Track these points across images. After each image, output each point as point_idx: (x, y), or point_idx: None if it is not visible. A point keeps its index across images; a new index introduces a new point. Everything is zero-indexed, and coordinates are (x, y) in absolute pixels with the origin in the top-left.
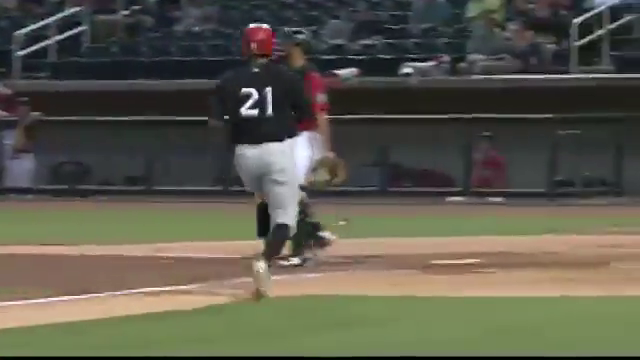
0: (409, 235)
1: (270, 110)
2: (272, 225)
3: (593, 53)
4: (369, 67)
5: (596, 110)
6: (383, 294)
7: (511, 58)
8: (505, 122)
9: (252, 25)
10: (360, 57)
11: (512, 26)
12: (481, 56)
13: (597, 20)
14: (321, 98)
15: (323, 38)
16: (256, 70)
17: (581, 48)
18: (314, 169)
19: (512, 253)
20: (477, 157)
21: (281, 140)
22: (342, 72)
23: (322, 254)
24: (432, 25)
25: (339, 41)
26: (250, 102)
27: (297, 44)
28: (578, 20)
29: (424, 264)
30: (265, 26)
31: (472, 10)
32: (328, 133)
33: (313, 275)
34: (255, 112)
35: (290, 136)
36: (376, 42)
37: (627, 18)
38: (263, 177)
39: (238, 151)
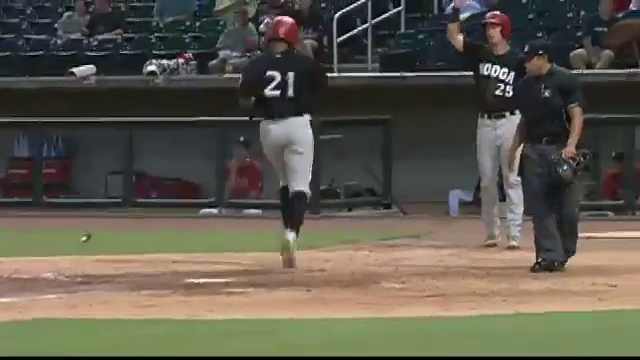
0: (158, 251)
1: (291, 91)
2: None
3: (355, 50)
4: (109, 65)
5: (361, 112)
6: (133, 317)
7: None
8: None
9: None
10: (98, 53)
11: (267, 20)
12: (234, 53)
13: (359, 14)
14: None
15: (57, 33)
16: (278, 56)
17: (342, 44)
18: None
19: (272, 271)
20: (232, 164)
21: (301, 116)
22: (79, 70)
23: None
24: (178, 18)
25: (74, 36)
26: (273, 84)
27: None
28: (339, 14)
29: (177, 283)
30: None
31: (222, 2)
32: None
33: (49, 297)
34: (277, 92)
35: (308, 113)
36: (116, 37)
37: (392, 12)
38: (284, 148)
39: (263, 126)
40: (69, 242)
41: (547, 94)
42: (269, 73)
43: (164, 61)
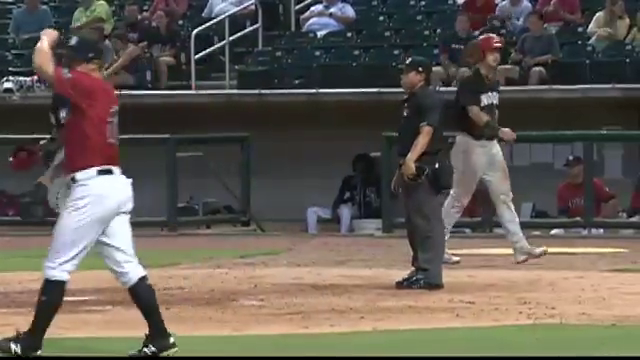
0: (12, 270)
1: None
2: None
3: (213, 67)
4: None
5: (219, 130)
6: None
7: (124, 73)
8: (121, 143)
9: None
10: None
11: (123, 38)
12: None
13: (217, 31)
14: None
15: None
16: None
17: (200, 61)
18: None
19: None
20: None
21: None
22: None
23: None
24: (35, 35)
25: None
26: None
27: None
28: (196, 31)
29: (34, 301)
30: None
31: (79, 19)
32: None
33: None
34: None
35: None
36: None
37: (249, 29)
38: None
39: None
40: None
41: (405, 113)
42: None
43: (21, 78)
